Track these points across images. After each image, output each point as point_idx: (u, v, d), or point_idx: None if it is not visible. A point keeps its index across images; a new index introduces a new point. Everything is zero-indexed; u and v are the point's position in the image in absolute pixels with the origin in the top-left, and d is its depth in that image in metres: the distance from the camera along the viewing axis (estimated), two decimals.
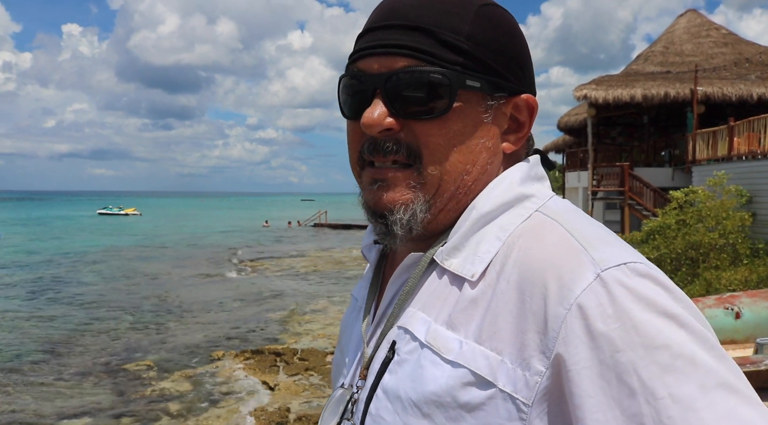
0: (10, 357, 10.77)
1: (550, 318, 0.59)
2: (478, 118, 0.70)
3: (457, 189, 0.70)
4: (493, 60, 0.70)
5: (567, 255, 0.61)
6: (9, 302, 16.24)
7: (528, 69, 0.75)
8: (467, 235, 0.69)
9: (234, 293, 17.42)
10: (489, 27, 0.70)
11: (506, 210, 0.70)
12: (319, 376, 9.28)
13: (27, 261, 25.45)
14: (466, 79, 0.68)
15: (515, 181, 0.72)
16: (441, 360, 0.64)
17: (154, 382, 9.28)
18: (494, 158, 0.73)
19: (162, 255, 28.20)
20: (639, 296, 0.57)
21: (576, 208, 0.72)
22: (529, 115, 0.74)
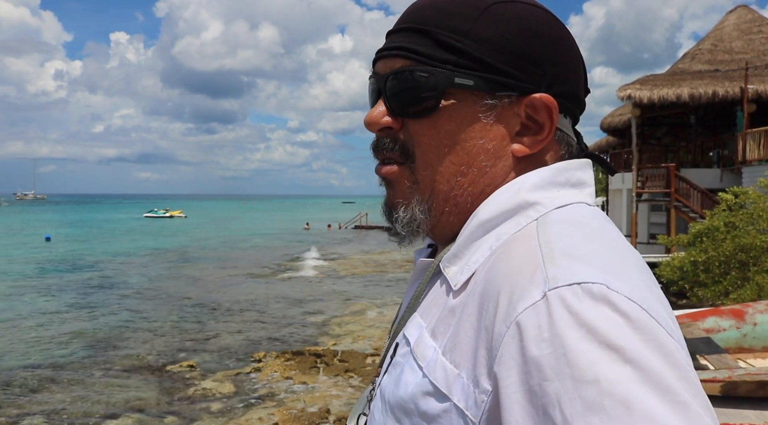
0: (58, 355, 11.10)
1: (495, 335, 0.55)
2: (474, 117, 0.68)
3: (452, 191, 0.70)
4: (496, 58, 0.67)
5: (524, 269, 0.57)
6: (57, 302, 16.74)
7: (551, 67, 0.69)
8: (467, 243, 0.67)
9: (275, 294, 17.61)
10: (496, 24, 0.68)
11: (508, 218, 0.66)
12: (359, 378, 9.30)
13: (75, 263, 26.20)
14: (455, 78, 0.67)
15: (525, 187, 0.67)
16: (416, 366, 0.64)
17: (197, 382, 9.44)
18: (497, 161, 0.69)
19: (205, 256, 28.70)
20: (581, 321, 0.50)
21: (585, 218, 0.65)
22: (549, 116, 0.68)
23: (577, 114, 0.75)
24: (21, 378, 9.66)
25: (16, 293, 18.15)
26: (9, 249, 32.31)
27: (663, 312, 0.54)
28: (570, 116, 0.73)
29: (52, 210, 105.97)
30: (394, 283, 19.82)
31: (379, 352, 10.60)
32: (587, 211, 0.67)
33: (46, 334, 12.76)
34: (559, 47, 0.70)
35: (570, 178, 0.69)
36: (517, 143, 0.69)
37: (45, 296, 17.68)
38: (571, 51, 0.72)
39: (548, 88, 0.68)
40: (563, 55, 0.71)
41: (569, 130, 0.73)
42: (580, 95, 0.73)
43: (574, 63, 0.72)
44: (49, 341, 12.17)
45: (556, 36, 0.71)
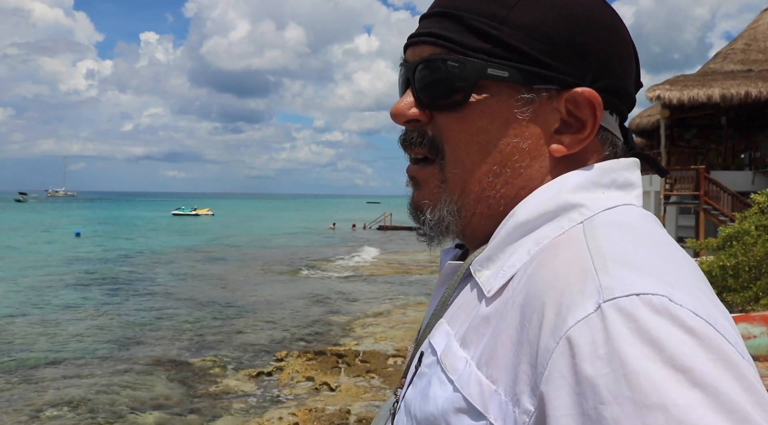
0: (85, 349, 11.26)
1: (541, 350, 0.49)
2: (509, 113, 0.62)
3: (483, 191, 0.64)
4: (535, 47, 0.61)
5: (573, 277, 0.52)
6: (85, 297, 17.00)
7: (597, 58, 0.62)
8: (502, 245, 0.61)
9: (298, 294, 17.68)
10: (536, 10, 0.61)
11: (548, 220, 0.60)
12: (381, 379, 9.28)
13: (103, 259, 26.61)
14: (488, 68, 0.61)
15: (567, 188, 0.61)
16: (446, 380, 0.58)
17: (219, 379, 9.50)
18: (533, 161, 0.63)
19: (230, 255, 28.94)
20: (644, 338, 0.45)
21: (636, 221, 0.59)
22: (592, 113, 0.62)
23: (625, 111, 0.68)
24: (47, 371, 9.83)
25: (46, 287, 18.49)
26: (40, 245, 32.98)
27: (730, 328, 0.49)
28: (617, 113, 0.66)
29: (81, 207, 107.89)
30: (417, 284, 19.77)
31: (401, 353, 10.57)
32: (637, 213, 0.61)
33: (72, 328, 12.96)
34: (608, 36, 0.64)
35: (617, 178, 0.64)
36: (555, 142, 0.63)
37: (73, 291, 17.98)
38: (622, 41, 0.65)
39: (593, 82, 0.62)
40: (612, 45, 0.64)
41: (615, 129, 0.67)
42: (630, 90, 0.66)
43: (624, 54, 0.65)
44: (75, 335, 12.36)
45: (605, 23, 0.64)
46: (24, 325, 13.32)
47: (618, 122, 0.67)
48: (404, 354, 10.48)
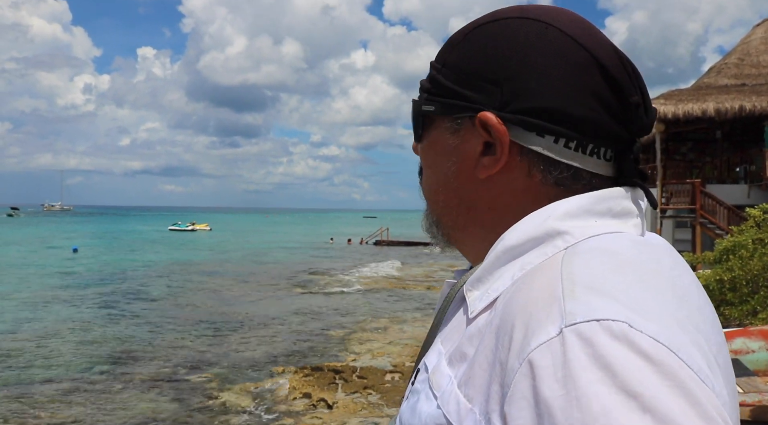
0: (78, 365, 11.18)
1: (508, 370, 0.51)
2: (445, 142, 0.70)
3: (442, 211, 0.73)
4: (455, 80, 0.68)
5: (542, 302, 0.53)
6: (80, 312, 16.91)
7: (509, 82, 0.64)
8: (491, 268, 0.63)
9: (296, 308, 17.62)
10: (465, 47, 0.68)
11: (534, 247, 0.61)
12: (378, 395, 9.23)
13: (100, 274, 26.51)
14: (422, 105, 0.71)
15: (555, 215, 0.62)
16: (432, 396, 0.61)
17: (216, 395, 9.44)
18: (465, 183, 0.69)
19: (227, 270, 28.87)
20: (599, 362, 0.46)
21: (620, 247, 0.58)
22: (490, 133, 0.64)
23: (580, 134, 0.63)
24: (42, 389, 9.75)
25: (42, 303, 18.39)
26: (38, 260, 32.85)
27: (697, 356, 0.49)
28: (562, 136, 0.63)
29: (78, 221, 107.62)
30: (414, 300, 19.72)
31: (398, 369, 10.53)
32: (624, 239, 0.60)
33: (68, 345, 12.88)
34: (527, 58, 0.64)
35: (612, 206, 0.63)
36: (480, 165, 0.67)
37: (69, 307, 17.88)
38: (553, 60, 0.63)
39: (505, 105, 0.64)
40: (532, 66, 0.63)
41: (556, 151, 0.63)
42: (571, 110, 0.62)
43: (558, 74, 0.63)
44: (70, 352, 12.28)
45: (527, 46, 0.64)
46: (19, 341, 13.23)
47: (576, 145, 0.64)
48: (402, 370, 10.44)
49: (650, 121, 0.66)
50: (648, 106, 0.66)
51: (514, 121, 0.64)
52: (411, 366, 10.73)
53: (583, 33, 0.65)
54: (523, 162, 0.65)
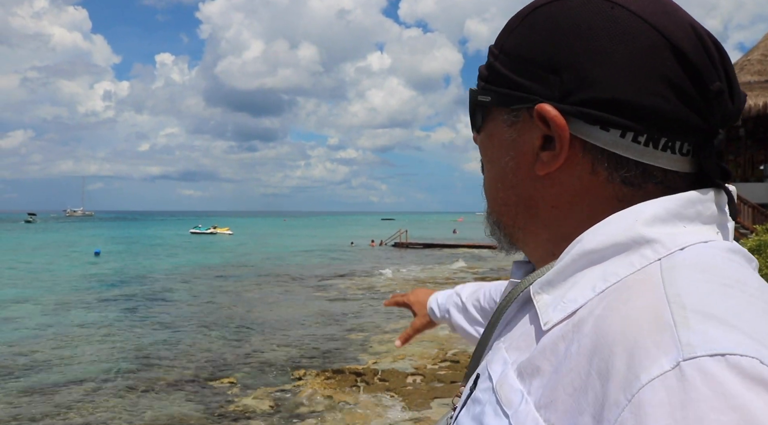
0: (102, 368, 11.28)
1: (608, 404, 0.45)
2: (502, 135, 0.66)
3: (501, 210, 0.69)
4: (514, 69, 0.63)
5: (647, 327, 0.47)
6: (103, 316, 17.08)
7: (571, 70, 0.58)
8: (565, 272, 0.58)
9: (316, 311, 17.65)
10: (524, 32, 0.63)
11: (618, 253, 0.55)
12: (400, 397, 9.20)
13: (122, 278, 26.77)
14: (478, 96, 0.68)
15: (642, 219, 0.56)
16: (501, 412, 0.56)
17: (238, 398, 9.46)
18: (523, 180, 0.64)
19: (247, 273, 29.01)
20: (730, 403, 0.40)
21: (723, 263, 0.53)
22: (549, 127, 0.59)
23: (650, 127, 0.57)
24: (68, 390, 9.85)
25: (66, 307, 18.62)
26: (61, 264, 33.29)
27: None
28: (633, 131, 0.57)
29: (99, 226, 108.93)
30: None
31: (420, 371, 10.49)
32: (722, 252, 0.55)
33: (92, 348, 13.01)
34: (589, 43, 0.58)
35: (702, 211, 0.57)
36: (539, 160, 0.62)
37: (92, 310, 18.08)
38: (619, 45, 0.57)
39: (566, 95, 0.58)
40: (595, 51, 0.58)
41: (622, 147, 0.58)
42: (644, 102, 0.56)
43: (621, 60, 0.57)
44: (94, 355, 12.40)
45: (590, 29, 0.58)
46: (44, 344, 13.39)
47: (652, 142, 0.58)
48: (423, 372, 10.41)
49: (737, 109, 0.59)
50: (735, 91, 0.59)
51: (574, 113, 0.58)
52: (433, 368, 10.70)
53: (655, 11, 0.59)
54: (586, 158, 0.60)
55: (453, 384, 9.76)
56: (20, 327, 15.43)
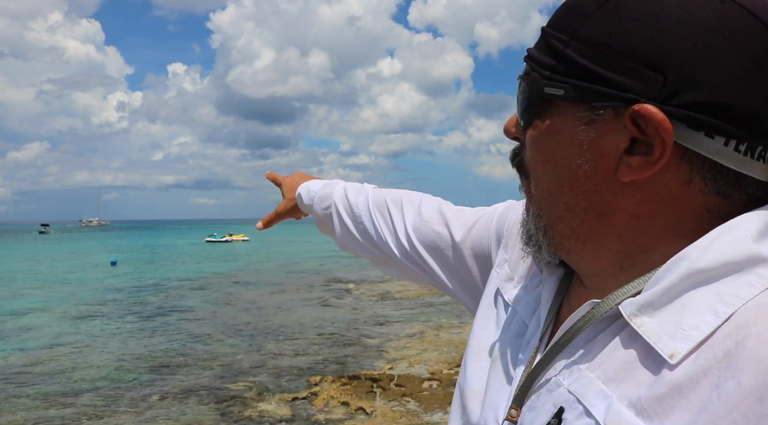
0: (120, 375, 11.34)
1: None
2: (572, 133, 0.58)
3: (561, 213, 0.61)
4: (597, 61, 0.56)
5: None
6: (120, 324, 17.18)
7: (678, 68, 0.53)
8: (670, 294, 0.53)
9: (331, 317, 17.65)
10: (609, 19, 0.55)
11: (731, 273, 0.51)
12: (416, 403, 9.16)
13: (138, 286, 26.95)
14: (544, 87, 0.59)
15: (750, 234, 0.52)
16: None
17: (254, 404, 9.47)
18: (600, 185, 0.58)
19: (262, 280, 29.09)
20: None
21: None
22: (643, 129, 0.54)
23: (750, 134, 0.53)
24: (85, 398, 9.91)
25: (83, 315, 18.75)
26: (78, 273, 33.58)
27: None
28: (733, 137, 0.53)
29: (115, 236, 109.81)
30: (449, 305, 19.59)
31: (436, 377, 10.45)
32: None
33: (109, 355, 13.08)
34: (698, 40, 0.53)
35: None
36: (624, 164, 0.56)
37: (109, 319, 18.20)
38: (731, 44, 0.53)
39: (670, 96, 0.53)
40: (705, 50, 0.53)
41: (726, 156, 0.54)
42: (757, 110, 0.53)
43: (732, 61, 0.52)
44: (111, 362, 12.47)
45: (698, 25, 0.53)
46: (62, 352, 13.49)
47: (751, 152, 0.54)
48: (439, 378, 10.36)
49: None
50: None
51: (679, 116, 0.53)
52: (449, 373, 10.65)
53: None
54: (683, 166, 0.55)
55: None
56: (38, 336, 15.56)
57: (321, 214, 1.27)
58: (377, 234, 1.14)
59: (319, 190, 1.28)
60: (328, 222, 1.26)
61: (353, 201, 1.20)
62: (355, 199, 1.20)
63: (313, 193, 1.28)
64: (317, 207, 1.27)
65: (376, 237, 1.15)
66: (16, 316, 18.88)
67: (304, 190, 1.31)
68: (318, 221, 1.30)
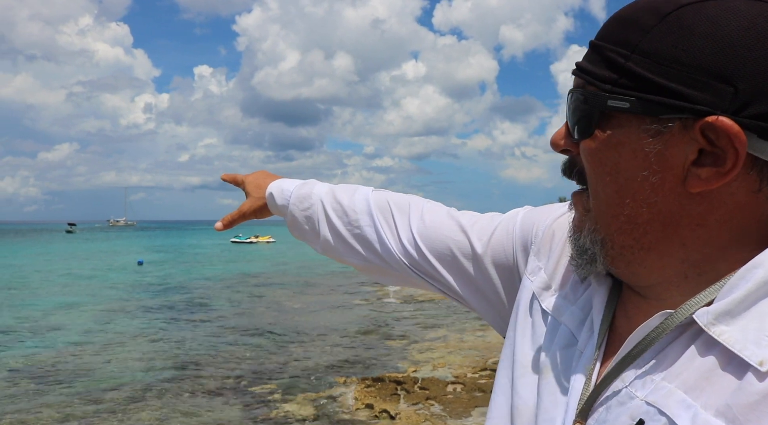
0: (146, 374, 11.48)
1: None
2: (637, 145, 0.59)
3: (623, 226, 0.61)
4: (664, 74, 0.56)
5: None
6: (147, 323, 17.41)
7: (749, 81, 0.54)
8: (747, 301, 0.53)
9: (355, 319, 17.69)
10: (673, 32, 0.56)
11: None
12: (440, 406, 9.13)
13: (165, 285, 27.29)
14: (608, 100, 0.59)
15: None
16: None
17: (279, 405, 9.52)
18: (665, 197, 0.58)
19: (287, 281, 29.26)
20: None
21: None
22: (731, 144, 0.54)
23: None
24: (111, 397, 10.04)
25: (111, 315, 19.03)
26: (106, 273, 34.09)
27: None
28: None
29: (142, 235, 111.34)
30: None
31: (460, 380, 10.40)
32: None
33: (136, 354, 13.26)
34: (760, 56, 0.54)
35: None
36: (692, 176, 0.57)
37: (136, 318, 18.44)
38: None
39: (742, 107, 0.54)
40: None
41: None
42: None
43: None
44: (138, 361, 12.63)
45: (765, 34, 0.54)
46: (90, 350, 13.71)
47: None
48: (464, 381, 10.31)
49: None
50: None
51: (751, 127, 0.54)
52: (473, 377, 10.60)
53: None
54: (752, 175, 0.56)
55: None
56: (68, 333, 15.83)
57: (298, 215, 1.17)
58: (380, 241, 1.06)
59: (296, 190, 1.19)
60: (307, 224, 1.17)
61: (347, 203, 1.12)
62: (349, 200, 1.12)
63: (288, 193, 1.19)
64: (295, 208, 1.18)
65: (377, 244, 1.07)
66: (47, 313, 19.26)
67: (276, 189, 1.22)
68: (292, 223, 1.20)
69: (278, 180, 1.25)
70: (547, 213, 0.87)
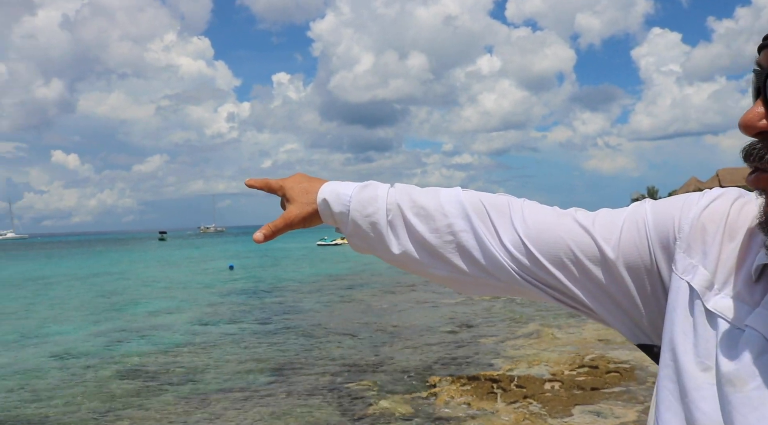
0: (245, 375, 11.85)
1: None
2: None
3: None
4: None
5: None
6: (241, 326, 17.99)
7: None
8: None
9: (444, 317, 17.63)
10: None
11: None
12: (539, 404, 8.94)
13: (256, 289, 28.15)
14: None
15: None
16: None
17: (375, 402, 9.60)
18: None
19: (374, 281, 29.53)
20: None
21: None
22: None
23: None
24: (217, 397, 10.42)
25: (207, 318, 19.81)
26: (198, 277, 35.58)
27: None
28: None
29: (231, 241, 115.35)
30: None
31: (557, 378, 10.15)
32: None
33: (234, 356, 13.73)
34: None
35: None
36: None
37: (231, 321, 19.11)
38: None
39: None
40: None
41: None
42: None
43: None
44: (236, 362, 13.07)
45: None
46: (191, 352, 14.33)
47: None
48: (561, 379, 10.06)
49: None
50: None
51: None
52: (570, 374, 10.33)
53: None
54: None
55: (594, 391, 9.37)
56: (170, 336, 16.63)
57: (362, 223, 1.02)
58: (481, 248, 0.93)
59: (356, 194, 1.03)
60: (373, 231, 1.03)
61: (433, 206, 0.97)
62: (436, 203, 0.98)
63: (346, 197, 1.03)
64: (357, 214, 1.02)
65: (477, 251, 0.93)
66: (150, 317, 20.34)
67: (330, 194, 1.04)
68: (354, 232, 1.05)
69: (330, 183, 1.08)
70: (685, 204, 0.78)
